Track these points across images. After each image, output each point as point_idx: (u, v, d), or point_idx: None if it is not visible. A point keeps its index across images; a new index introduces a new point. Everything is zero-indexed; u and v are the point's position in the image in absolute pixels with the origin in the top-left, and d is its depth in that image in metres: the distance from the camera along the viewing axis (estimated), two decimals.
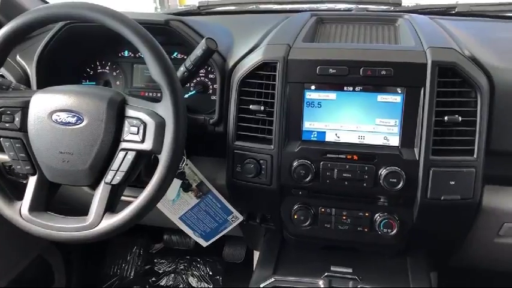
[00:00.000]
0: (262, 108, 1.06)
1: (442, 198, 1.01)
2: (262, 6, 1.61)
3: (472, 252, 1.23)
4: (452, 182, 1.00)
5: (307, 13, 1.37)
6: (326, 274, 1.12)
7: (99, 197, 0.94)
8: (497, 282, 1.65)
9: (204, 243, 1.31)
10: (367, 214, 1.10)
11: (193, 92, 1.25)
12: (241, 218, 1.24)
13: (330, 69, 1.02)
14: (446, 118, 0.98)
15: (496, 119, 1.02)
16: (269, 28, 1.28)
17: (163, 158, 0.89)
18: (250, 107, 1.07)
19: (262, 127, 1.07)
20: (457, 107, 1.00)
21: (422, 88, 0.99)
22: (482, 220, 1.10)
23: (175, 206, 1.22)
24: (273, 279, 1.13)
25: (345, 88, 1.03)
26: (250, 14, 1.61)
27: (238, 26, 1.39)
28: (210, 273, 1.99)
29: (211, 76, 1.25)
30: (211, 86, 1.25)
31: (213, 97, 1.23)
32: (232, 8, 1.67)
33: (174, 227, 1.28)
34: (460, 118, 0.98)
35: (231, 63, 1.14)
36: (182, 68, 1.04)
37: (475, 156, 1.00)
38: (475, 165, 1.00)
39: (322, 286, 1.07)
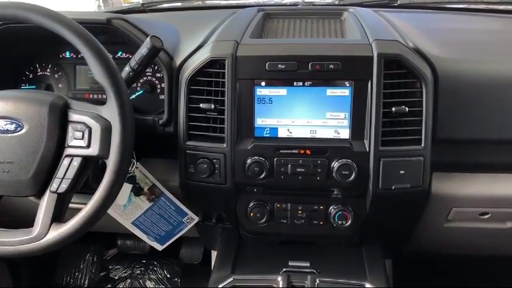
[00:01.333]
0: (212, 106, 1.04)
1: (393, 187, 1.03)
2: (208, 2, 1.60)
3: (424, 238, 1.27)
4: (402, 172, 1.03)
5: (254, 8, 1.36)
6: (284, 270, 1.12)
7: (45, 206, 0.89)
8: (447, 265, 1.73)
9: (160, 247, 1.28)
10: (321, 207, 1.11)
11: (141, 92, 1.21)
12: (196, 219, 1.22)
13: (279, 65, 1.01)
14: (393, 109, 1.00)
15: (440, 108, 1.05)
16: (216, 24, 1.26)
17: (111, 162, 0.86)
18: (201, 105, 1.04)
19: (214, 125, 1.06)
20: (403, 98, 1.02)
21: (370, 81, 1.00)
22: (431, 206, 1.13)
23: (127, 211, 1.18)
24: (231, 279, 1.11)
25: (295, 83, 1.03)
26: (196, 10, 1.59)
27: (184, 22, 1.36)
28: (168, 276, 1.95)
29: (158, 75, 1.21)
30: (159, 85, 1.21)
31: (162, 96, 1.20)
32: (177, 4, 1.64)
33: (128, 232, 1.24)
34: (406, 109, 1.00)
35: (178, 61, 1.11)
36: (127, 68, 1.01)
37: (422, 145, 1.02)
38: (422, 154, 1.03)
39: (280, 282, 1.07)
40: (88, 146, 0.87)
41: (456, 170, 1.13)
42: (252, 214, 1.11)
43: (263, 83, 1.03)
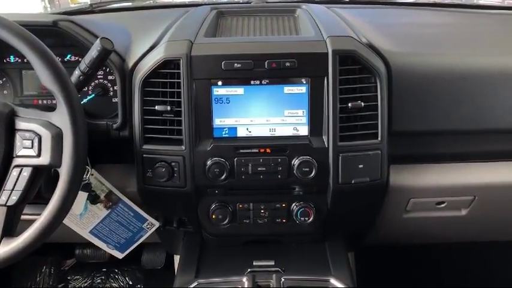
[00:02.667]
0: (168, 108, 1.01)
1: (353, 182, 1.05)
2: (160, 1, 1.56)
3: (384, 230, 1.29)
4: (361, 166, 1.04)
5: (207, 7, 1.34)
6: (249, 270, 1.11)
7: None
8: (407, 254, 1.77)
9: (120, 255, 1.24)
10: (284, 205, 1.11)
11: (92, 95, 1.16)
12: (157, 224, 1.19)
13: (235, 64, 1.00)
14: (350, 105, 1.01)
15: (395, 101, 1.07)
16: (168, 24, 1.23)
17: (64, 171, 0.82)
18: (156, 107, 1.02)
19: (171, 128, 1.03)
20: (359, 93, 1.03)
21: (326, 77, 1.01)
22: (390, 198, 1.16)
23: (84, 219, 1.14)
24: (196, 283, 1.10)
25: (252, 82, 1.02)
26: (147, 9, 1.55)
27: (135, 23, 1.32)
28: (130, 283, 1.90)
29: (110, 77, 1.17)
30: (111, 88, 1.17)
31: (115, 100, 1.15)
32: (128, 4, 1.60)
33: (86, 241, 1.20)
34: (362, 104, 1.02)
35: (130, 63, 1.08)
36: (77, 72, 0.96)
37: (379, 138, 1.04)
38: (379, 147, 1.04)
39: (246, 283, 1.06)
40: (38, 155, 0.83)
41: (413, 162, 1.15)
42: (214, 216, 1.10)
43: (220, 83, 1.01)
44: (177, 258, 1.46)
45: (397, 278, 1.82)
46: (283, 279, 1.07)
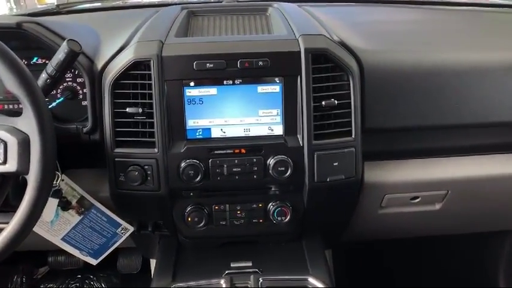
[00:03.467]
0: (140, 110, 0.99)
1: (328, 179, 1.05)
2: (129, 2, 1.53)
3: (360, 226, 1.30)
4: (336, 164, 1.04)
5: (178, 6, 1.33)
6: (227, 272, 1.10)
7: None
8: (383, 249, 1.79)
9: (94, 262, 1.21)
10: (260, 205, 1.10)
11: (61, 99, 1.13)
12: (131, 229, 1.16)
13: (208, 64, 0.99)
14: (323, 103, 1.01)
15: (368, 98, 1.08)
16: (138, 24, 1.20)
17: (32, 178, 0.79)
18: (127, 110, 0.99)
19: (143, 130, 1.01)
20: (332, 91, 1.03)
21: (299, 76, 1.00)
22: (365, 195, 1.16)
23: (56, 226, 1.11)
24: (172, 287, 1.08)
25: (225, 82, 1.00)
26: (116, 10, 1.52)
27: (104, 23, 1.29)
28: None
29: (80, 80, 1.14)
30: (81, 91, 1.14)
31: (84, 103, 1.13)
32: (96, 4, 1.56)
33: (59, 248, 1.17)
34: (336, 102, 1.02)
35: (99, 65, 1.05)
36: (44, 75, 0.93)
37: (353, 136, 1.04)
38: (354, 144, 1.05)
39: (223, 285, 1.05)
40: (4, 162, 0.80)
41: (386, 158, 1.16)
42: (189, 219, 1.08)
43: (192, 83, 1.00)
44: (153, 262, 1.44)
45: (374, 272, 1.84)
46: (261, 280, 1.07)
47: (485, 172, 1.18)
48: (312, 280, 1.09)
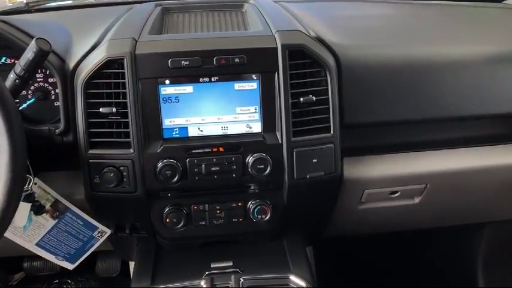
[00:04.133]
0: (114, 110, 0.96)
1: (308, 176, 1.04)
2: None
3: (341, 222, 1.30)
4: (315, 160, 1.03)
5: (151, 3, 1.30)
6: (207, 273, 1.09)
7: None
8: (364, 244, 1.80)
9: (70, 266, 1.18)
10: (240, 204, 1.09)
11: (32, 100, 1.10)
12: (108, 231, 1.13)
13: (183, 61, 0.97)
14: (301, 99, 1.00)
15: (345, 94, 1.07)
16: (111, 22, 1.18)
17: (1, 183, 0.76)
18: (101, 110, 0.97)
19: (118, 130, 0.98)
20: (310, 88, 1.02)
21: (276, 72, 0.99)
22: (345, 191, 1.16)
23: (29, 232, 1.07)
24: None
25: (201, 79, 0.99)
26: (88, 8, 1.48)
27: (75, 22, 1.26)
28: None
29: (51, 80, 1.11)
30: (52, 92, 1.11)
31: (57, 103, 1.09)
32: (67, 2, 1.52)
33: (34, 253, 1.13)
34: (314, 98, 1.01)
35: (71, 64, 1.02)
36: (12, 75, 0.90)
37: (331, 132, 1.04)
38: (332, 140, 1.04)
39: (204, 286, 1.04)
40: None
41: (366, 153, 1.16)
42: (168, 220, 1.06)
43: (167, 81, 0.98)
44: (132, 265, 1.41)
45: (356, 267, 1.85)
46: (242, 280, 1.06)
47: (463, 165, 1.19)
48: (293, 278, 1.09)
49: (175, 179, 0.99)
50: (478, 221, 1.58)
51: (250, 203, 1.08)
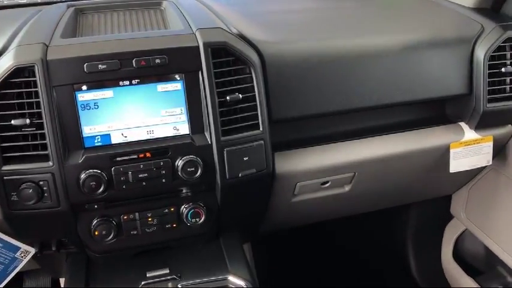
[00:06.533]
0: (28, 121, 0.90)
1: (240, 175, 1.03)
2: (6, 1, 1.38)
3: (276, 217, 1.31)
4: (246, 158, 1.03)
5: (63, 4, 1.23)
6: (143, 283, 1.05)
7: None
8: (299, 236, 1.83)
9: None
10: (172, 209, 1.05)
11: None
12: (33, 250, 1.06)
13: (100, 65, 0.92)
14: (228, 98, 0.99)
15: (271, 90, 1.07)
16: (18, 25, 1.09)
17: None
18: (12, 122, 0.89)
19: (34, 143, 0.92)
20: (236, 85, 1.01)
21: (200, 71, 0.97)
22: (278, 186, 1.17)
23: None
24: None
25: (121, 83, 0.94)
26: None
27: None
28: None
29: None
30: None
31: None
32: None
33: None
34: (240, 96, 1.00)
35: None
36: None
37: (260, 129, 1.04)
38: (262, 137, 1.04)
39: None
40: None
41: (296, 147, 1.17)
42: (96, 233, 1.00)
43: (84, 87, 0.92)
44: (63, 281, 1.33)
45: (294, 258, 1.88)
46: (179, 286, 1.03)
47: (388, 151, 1.24)
48: (231, 278, 1.08)
49: (101, 189, 0.94)
50: (405, 203, 1.65)
51: (183, 207, 1.06)
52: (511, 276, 1.50)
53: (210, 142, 0.99)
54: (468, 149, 1.28)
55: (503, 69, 1.21)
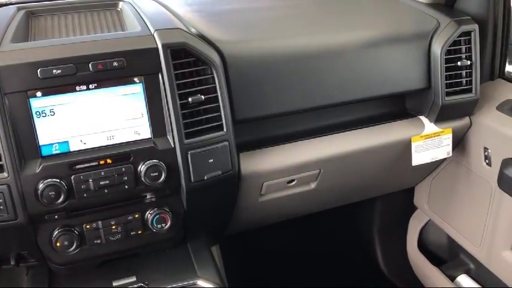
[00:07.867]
0: None
1: (205, 178, 1.02)
2: None
3: (243, 217, 1.30)
4: (211, 160, 1.02)
5: (13, 7, 1.17)
6: None
7: None
8: (268, 235, 1.83)
9: None
10: (137, 216, 1.03)
11: None
12: None
13: (54, 70, 0.88)
14: (190, 99, 0.97)
15: (234, 90, 1.06)
16: None
17: None
18: None
19: None
20: (197, 87, 1.00)
21: (160, 73, 0.95)
22: (245, 186, 1.16)
23: None
24: None
25: (78, 88, 0.91)
26: None
27: None
28: None
29: None
30: None
31: None
32: None
33: None
34: (203, 97, 0.99)
35: None
36: None
37: (224, 130, 1.02)
38: (226, 138, 1.03)
39: None
40: None
41: (261, 146, 1.16)
42: (58, 244, 0.97)
43: (39, 94, 0.88)
44: None
45: (264, 257, 1.88)
46: None
47: (352, 147, 1.25)
48: (201, 283, 1.07)
49: (61, 199, 0.90)
50: (370, 197, 1.68)
51: (148, 213, 1.03)
52: (473, 264, 1.55)
53: (173, 145, 0.97)
54: (429, 141, 1.31)
55: (459, 63, 1.25)
